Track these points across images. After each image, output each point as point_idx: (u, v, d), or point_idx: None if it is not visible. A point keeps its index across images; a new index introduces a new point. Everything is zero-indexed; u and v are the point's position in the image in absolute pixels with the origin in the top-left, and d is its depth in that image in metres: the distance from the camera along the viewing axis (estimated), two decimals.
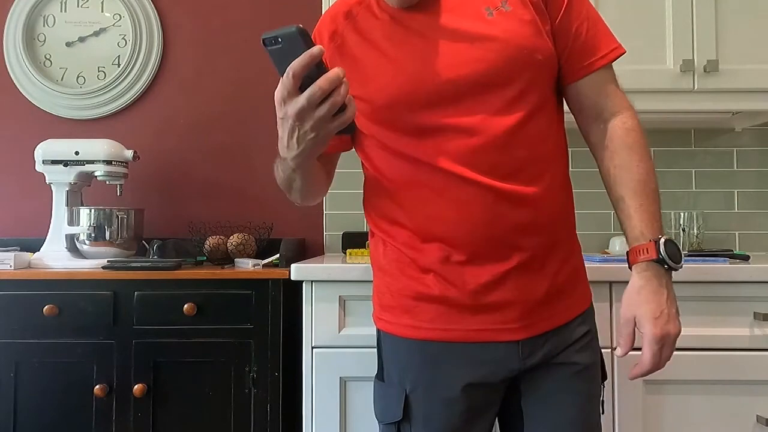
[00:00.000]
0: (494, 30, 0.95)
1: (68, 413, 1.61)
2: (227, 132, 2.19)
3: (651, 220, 0.94)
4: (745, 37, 1.73)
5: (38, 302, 1.61)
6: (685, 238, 1.98)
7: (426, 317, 0.99)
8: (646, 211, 0.95)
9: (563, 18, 0.98)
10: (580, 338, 1.01)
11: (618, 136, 0.99)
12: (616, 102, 1.01)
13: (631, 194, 0.96)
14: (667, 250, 0.92)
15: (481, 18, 0.95)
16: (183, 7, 2.20)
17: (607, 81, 1.01)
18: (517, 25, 0.95)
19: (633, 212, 0.95)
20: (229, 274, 1.65)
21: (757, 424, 1.41)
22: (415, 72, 0.96)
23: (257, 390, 1.61)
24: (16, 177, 2.16)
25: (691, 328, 1.42)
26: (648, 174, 0.97)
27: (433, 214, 0.97)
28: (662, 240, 0.93)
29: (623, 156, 0.98)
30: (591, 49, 0.99)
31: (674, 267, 0.92)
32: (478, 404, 0.99)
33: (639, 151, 0.98)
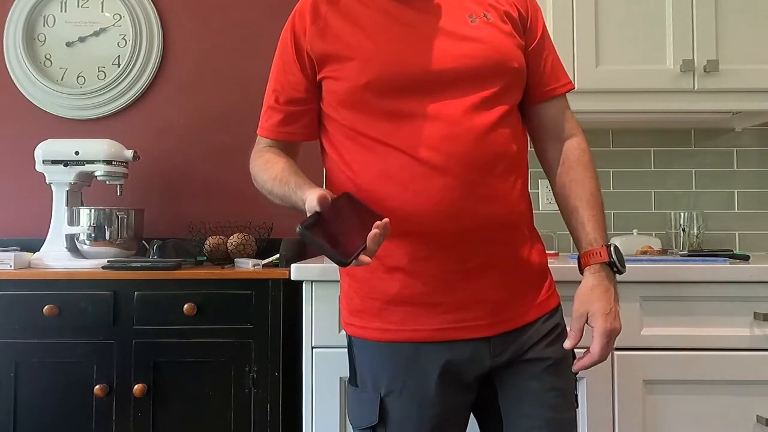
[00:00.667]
0: (477, 33, 1.01)
1: (68, 413, 1.61)
2: (227, 132, 2.19)
3: (602, 228, 1.05)
4: (745, 37, 1.73)
5: (38, 302, 1.61)
6: (685, 238, 1.98)
7: (394, 319, 1.00)
8: (598, 220, 1.05)
9: (537, 44, 1.09)
10: (548, 332, 1.04)
11: (574, 155, 1.10)
12: (572, 126, 1.12)
13: (584, 205, 1.06)
14: (617, 255, 1.02)
15: (465, 23, 1.02)
16: (183, 7, 2.20)
17: (566, 107, 1.13)
18: (497, 33, 1.03)
19: (586, 221, 1.04)
20: (229, 274, 1.65)
21: (757, 424, 1.41)
22: (398, 55, 0.98)
23: (257, 390, 1.61)
24: (16, 177, 2.16)
25: (691, 328, 1.42)
26: (598, 189, 1.08)
27: (399, 207, 0.95)
28: (612, 246, 1.03)
29: (578, 172, 1.08)
30: (555, 76, 1.11)
31: (620, 270, 1.03)
32: (452, 404, 1.00)
33: (591, 169, 1.09)
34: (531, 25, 1.09)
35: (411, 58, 0.98)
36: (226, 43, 2.19)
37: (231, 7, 2.20)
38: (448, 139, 0.95)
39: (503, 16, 1.04)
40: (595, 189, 1.07)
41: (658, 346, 1.42)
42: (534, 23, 1.09)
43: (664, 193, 2.11)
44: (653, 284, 1.42)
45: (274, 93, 1.11)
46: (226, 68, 2.19)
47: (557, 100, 1.11)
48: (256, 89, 2.18)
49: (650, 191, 2.11)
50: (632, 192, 2.10)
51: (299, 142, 1.14)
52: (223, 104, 2.19)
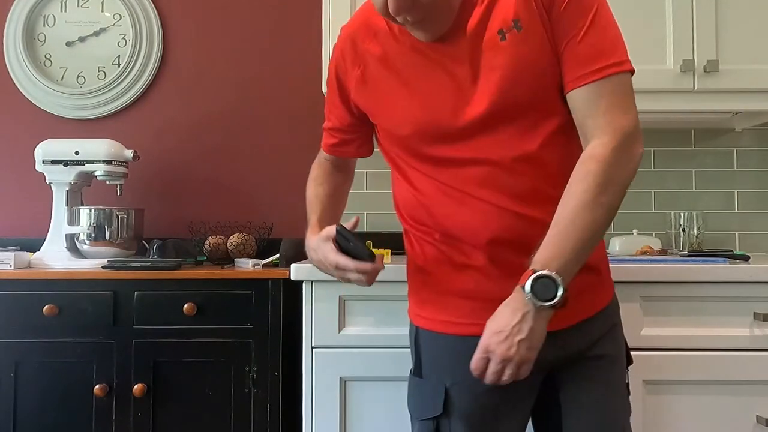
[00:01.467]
0: (507, 58, 0.94)
1: (68, 413, 1.61)
2: (227, 132, 2.19)
3: (552, 252, 0.89)
4: (745, 37, 1.73)
5: (38, 302, 1.61)
6: (685, 239, 1.98)
7: (462, 312, 1.01)
8: (555, 244, 0.89)
9: (563, 20, 0.93)
10: (609, 330, 1.05)
11: (580, 161, 0.92)
12: (598, 123, 0.92)
13: (554, 221, 0.91)
14: (534, 286, 0.87)
15: (495, 44, 0.95)
16: (183, 7, 2.20)
17: (598, 97, 0.92)
18: (527, 50, 0.94)
19: (546, 239, 0.91)
20: (229, 274, 1.65)
21: (757, 425, 1.41)
22: (429, 110, 0.99)
23: (257, 390, 1.61)
24: (16, 177, 2.16)
25: (691, 328, 1.42)
26: (582, 208, 0.89)
27: (458, 221, 1.00)
28: (536, 275, 0.87)
29: (571, 183, 0.92)
30: (586, 60, 0.93)
31: (535, 302, 0.87)
32: (514, 397, 1.01)
33: (585, 181, 0.90)
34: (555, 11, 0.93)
35: (441, 113, 0.98)
36: (226, 43, 2.19)
37: (231, 7, 2.20)
38: (484, 177, 0.97)
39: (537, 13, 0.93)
40: (577, 207, 0.89)
41: (658, 346, 1.42)
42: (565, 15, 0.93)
43: (664, 193, 2.11)
44: (653, 284, 1.42)
45: (327, 120, 1.20)
46: (226, 68, 2.19)
47: (582, 90, 0.93)
48: (255, 89, 2.20)
49: (650, 191, 2.11)
50: (632, 192, 2.08)
51: (352, 158, 1.25)
52: (223, 104, 2.19)
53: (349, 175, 1.30)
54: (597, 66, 0.92)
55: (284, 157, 2.17)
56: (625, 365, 1.10)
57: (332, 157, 1.24)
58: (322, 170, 1.25)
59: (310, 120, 2.16)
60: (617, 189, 0.91)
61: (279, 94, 2.18)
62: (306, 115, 2.16)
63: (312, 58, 2.02)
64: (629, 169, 0.92)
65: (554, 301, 0.87)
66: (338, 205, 1.26)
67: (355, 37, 1.06)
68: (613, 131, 0.91)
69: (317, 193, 1.22)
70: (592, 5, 0.93)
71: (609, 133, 0.91)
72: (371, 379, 1.44)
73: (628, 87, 0.95)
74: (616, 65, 0.93)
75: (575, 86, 0.93)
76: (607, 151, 0.90)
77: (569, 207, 0.90)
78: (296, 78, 2.17)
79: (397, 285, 1.39)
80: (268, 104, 2.19)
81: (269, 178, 2.18)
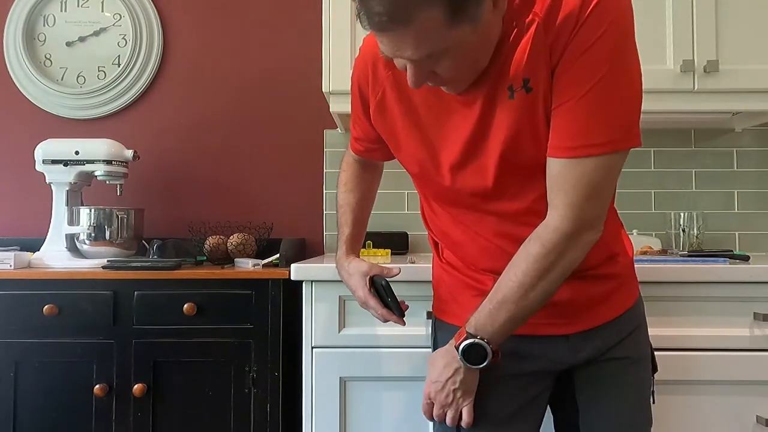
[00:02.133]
0: (512, 119, 0.90)
1: (68, 413, 1.61)
2: (227, 132, 2.19)
3: (486, 320, 0.95)
4: (745, 37, 1.73)
5: (38, 302, 1.61)
6: (685, 239, 1.98)
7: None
8: (491, 313, 0.94)
9: (562, 82, 0.87)
10: (631, 333, 1.05)
11: (531, 236, 0.93)
12: (559, 201, 0.89)
13: (495, 288, 0.95)
14: (466, 350, 0.96)
15: (504, 102, 0.90)
16: (183, 7, 2.20)
17: (567, 175, 0.88)
18: (532, 115, 0.89)
19: (483, 304, 0.96)
20: (229, 274, 1.65)
21: (757, 425, 1.41)
22: (436, 157, 1.00)
23: (257, 390, 1.61)
24: (16, 177, 2.16)
25: (691, 328, 1.42)
26: (519, 288, 0.92)
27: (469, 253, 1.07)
28: (468, 342, 0.95)
29: (516, 257, 0.94)
30: (566, 133, 0.87)
31: (465, 364, 0.97)
32: (529, 396, 1.04)
33: (527, 264, 0.92)
34: (560, 69, 0.87)
35: (448, 160, 0.98)
36: (226, 43, 2.20)
37: (231, 7, 2.20)
38: (500, 227, 1.00)
39: (546, 72, 0.88)
40: (514, 286, 0.92)
41: (658, 346, 1.40)
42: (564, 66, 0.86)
43: (664, 193, 2.11)
44: (653, 284, 1.41)
45: (353, 128, 1.20)
46: (226, 68, 2.19)
47: (554, 161, 0.89)
48: (255, 89, 2.20)
49: (650, 191, 2.11)
50: (632, 192, 2.10)
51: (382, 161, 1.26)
52: (223, 104, 2.19)
53: (378, 171, 1.31)
54: (573, 143, 0.86)
55: (284, 157, 2.17)
56: (651, 371, 1.10)
57: (361, 158, 1.25)
58: (352, 172, 1.26)
59: (310, 120, 2.16)
60: (556, 276, 0.92)
61: (279, 93, 2.18)
62: (306, 115, 2.17)
63: (312, 58, 2.02)
64: (574, 257, 0.91)
65: (482, 365, 0.96)
66: (368, 207, 1.29)
67: (377, 60, 1.02)
68: (569, 215, 0.88)
69: (348, 200, 1.25)
70: (597, 73, 0.84)
71: (564, 216, 0.89)
72: (371, 379, 1.44)
73: (606, 172, 0.88)
74: (596, 146, 0.85)
75: (550, 155, 0.90)
76: (556, 237, 0.89)
77: (509, 283, 0.93)
78: (296, 78, 2.17)
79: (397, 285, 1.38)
80: (268, 104, 2.19)
81: (269, 178, 2.18)
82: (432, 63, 0.84)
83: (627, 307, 1.06)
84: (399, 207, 2.12)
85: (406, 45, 0.81)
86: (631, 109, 0.88)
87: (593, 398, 1.04)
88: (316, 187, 2.16)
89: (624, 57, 0.87)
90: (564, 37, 0.84)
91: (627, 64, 0.87)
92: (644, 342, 1.09)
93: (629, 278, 1.09)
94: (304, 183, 2.17)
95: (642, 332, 1.09)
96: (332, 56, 1.73)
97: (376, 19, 0.77)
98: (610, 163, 0.87)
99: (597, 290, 1.02)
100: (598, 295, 1.03)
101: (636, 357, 1.06)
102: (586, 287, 1.01)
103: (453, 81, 0.90)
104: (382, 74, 1.01)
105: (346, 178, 1.27)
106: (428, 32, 0.79)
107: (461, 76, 0.89)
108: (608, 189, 0.91)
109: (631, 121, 0.88)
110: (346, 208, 1.25)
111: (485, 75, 0.90)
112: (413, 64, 0.84)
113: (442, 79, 0.89)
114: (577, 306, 1.02)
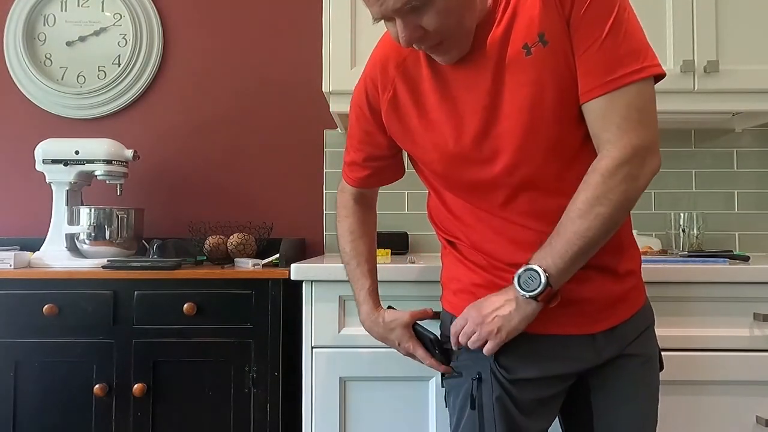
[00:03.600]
0: (534, 74, 0.92)
1: (68, 413, 1.61)
2: (227, 132, 2.19)
3: (545, 252, 0.92)
4: (745, 37, 1.73)
5: (38, 302, 1.61)
6: (685, 239, 1.98)
7: None
8: (550, 245, 0.92)
9: (581, 28, 0.91)
10: (644, 330, 1.06)
11: (587, 172, 0.92)
12: (609, 137, 0.90)
13: (557, 225, 0.93)
14: (521, 276, 0.93)
15: (521, 60, 0.92)
16: (183, 7, 2.20)
17: (610, 110, 0.90)
18: (554, 65, 0.91)
19: (546, 241, 0.94)
20: (229, 274, 1.65)
21: (757, 425, 1.41)
22: (452, 140, 0.98)
23: (257, 390, 1.61)
24: (16, 176, 2.16)
25: (691, 328, 1.42)
26: (577, 216, 0.90)
27: (497, 248, 1.02)
28: (524, 267, 0.93)
29: (576, 192, 0.92)
30: (600, 69, 0.90)
31: (518, 291, 0.93)
32: (544, 395, 1.02)
33: (584, 193, 0.90)
34: (575, 18, 0.90)
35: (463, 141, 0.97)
36: (226, 43, 2.20)
37: (231, 7, 2.20)
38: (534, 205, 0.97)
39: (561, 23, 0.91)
40: (572, 215, 0.90)
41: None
42: (578, 13, 0.90)
43: (664, 193, 2.11)
44: (653, 284, 1.41)
45: (357, 153, 1.18)
46: (226, 68, 2.19)
47: (594, 102, 0.91)
48: (256, 89, 2.20)
49: (650, 191, 2.11)
50: None
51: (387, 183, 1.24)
52: (223, 104, 2.19)
53: (374, 210, 1.29)
54: (611, 76, 0.89)
55: (284, 157, 2.17)
56: (659, 369, 1.10)
57: (360, 192, 1.23)
58: (356, 219, 1.23)
59: (310, 120, 2.16)
60: (614, 202, 0.89)
61: (279, 93, 2.18)
62: (306, 115, 2.17)
63: (312, 59, 2.02)
64: (634, 185, 0.90)
65: (534, 293, 0.91)
66: (375, 253, 1.25)
67: (386, 61, 1.05)
68: (623, 146, 0.89)
69: (360, 250, 1.21)
70: (611, 10, 0.89)
71: (618, 148, 0.89)
72: (371, 379, 1.44)
73: (647, 97, 0.90)
74: (633, 74, 0.89)
75: (588, 98, 0.91)
76: (610, 164, 0.89)
77: (568, 214, 0.91)
78: (296, 78, 2.17)
79: (397, 285, 1.39)
80: (268, 104, 2.19)
81: (269, 178, 2.18)
82: (416, 16, 0.89)
83: (642, 304, 1.07)
84: (399, 207, 2.12)
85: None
86: (644, 39, 0.93)
87: (609, 399, 1.04)
88: (316, 187, 2.16)
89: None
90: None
91: (629, 3, 0.93)
92: (654, 340, 1.10)
93: (640, 275, 1.09)
94: (304, 183, 2.17)
95: (652, 330, 1.09)
96: (332, 56, 1.73)
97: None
98: (648, 88, 0.91)
99: (617, 288, 1.02)
100: (618, 293, 1.02)
101: (648, 355, 1.06)
102: (607, 284, 1.00)
103: (445, 42, 0.92)
104: (392, 73, 1.04)
105: (351, 225, 1.23)
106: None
107: (449, 34, 0.91)
108: (654, 115, 0.91)
109: (650, 49, 0.92)
110: (360, 258, 1.20)
111: (487, 43, 0.94)
112: (399, 18, 0.89)
113: (432, 40, 0.92)
114: (599, 304, 1.01)
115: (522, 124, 0.93)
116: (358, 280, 1.19)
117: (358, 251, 1.21)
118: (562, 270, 0.91)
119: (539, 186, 0.96)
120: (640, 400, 1.04)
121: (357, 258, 1.20)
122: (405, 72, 1.03)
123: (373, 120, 1.10)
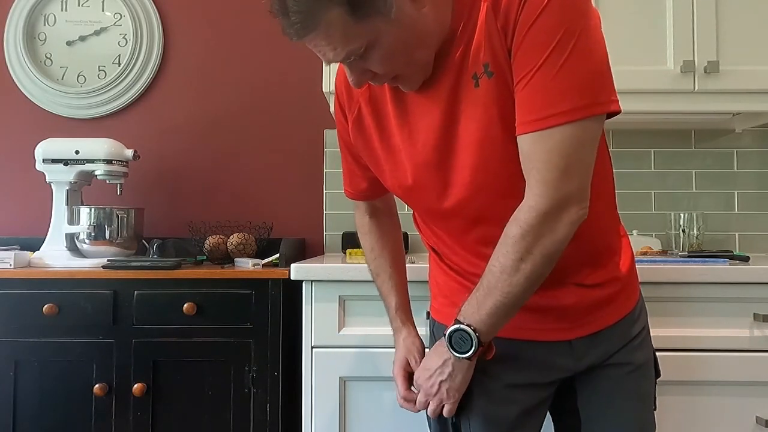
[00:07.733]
0: (480, 108, 0.87)
1: (68, 413, 1.61)
2: (228, 131, 2.19)
3: (473, 308, 0.90)
4: (745, 37, 1.73)
5: (38, 301, 1.61)
6: (685, 239, 1.98)
7: None
8: (478, 300, 0.90)
9: (519, 57, 0.83)
10: (635, 337, 1.03)
11: (510, 220, 0.87)
12: (534, 180, 0.84)
13: (483, 275, 0.90)
14: (452, 338, 0.92)
15: (471, 92, 0.88)
16: (184, 7, 2.20)
17: (538, 149, 0.82)
18: (499, 98, 0.86)
19: (473, 292, 0.92)
20: (229, 274, 1.65)
21: (757, 425, 1.41)
22: (409, 169, 0.97)
23: (257, 390, 1.61)
24: (17, 176, 2.16)
25: (691, 329, 1.42)
26: (501, 272, 0.87)
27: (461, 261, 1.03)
28: (453, 328, 0.91)
29: (499, 241, 0.89)
30: (531, 105, 0.82)
31: (452, 353, 0.92)
32: (531, 403, 1.01)
33: (506, 247, 0.87)
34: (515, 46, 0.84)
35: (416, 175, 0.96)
36: (227, 43, 2.20)
37: (231, 7, 2.20)
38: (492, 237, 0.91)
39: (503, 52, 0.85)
40: (497, 270, 0.87)
41: (658, 347, 1.40)
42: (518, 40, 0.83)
43: (664, 193, 2.11)
44: (653, 285, 1.41)
45: (348, 164, 1.16)
46: (227, 68, 2.19)
47: (524, 138, 0.84)
48: (256, 89, 2.20)
49: (650, 192, 2.11)
50: (632, 192, 2.10)
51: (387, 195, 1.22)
52: (223, 103, 2.19)
53: (394, 216, 1.27)
54: (536, 115, 0.81)
55: (284, 157, 2.17)
56: (654, 377, 1.08)
57: (370, 205, 1.21)
58: (374, 236, 1.21)
59: (310, 120, 2.16)
60: (535, 257, 0.85)
61: (279, 93, 2.18)
62: (306, 115, 2.17)
63: (312, 58, 1.99)
64: (552, 239, 0.84)
65: (468, 354, 0.91)
66: (403, 265, 1.23)
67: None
68: (544, 193, 0.83)
69: (383, 268, 1.19)
70: (552, 38, 0.80)
71: (539, 194, 0.83)
72: (371, 379, 1.44)
73: (580, 141, 0.82)
74: (562, 115, 0.80)
75: (518, 134, 0.84)
76: (531, 217, 0.84)
77: (492, 269, 0.88)
78: (296, 77, 2.16)
79: None
80: (268, 104, 2.19)
81: (269, 178, 2.18)
82: (361, 61, 0.86)
83: (628, 310, 1.04)
84: (399, 207, 2.11)
85: (324, 48, 0.84)
86: (596, 72, 0.82)
87: (597, 407, 1.02)
88: (316, 187, 2.16)
89: (578, 21, 0.81)
90: (513, 14, 0.82)
91: (585, 28, 0.81)
92: (647, 347, 1.07)
93: (631, 281, 1.07)
94: (304, 183, 2.17)
95: (645, 337, 1.07)
96: None
97: (292, 30, 0.82)
98: (579, 132, 0.81)
99: (599, 294, 1.00)
100: (600, 299, 1.00)
101: (639, 363, 1.03)
102: (588, 291, 0.99)
103: (398, 77, 0.90)
104: (356, 93, 1.02)
105: (370, 243, 1.21)
106: (338, 32, 0.81)
107: (401, 71, 0.88)
108: (584, 160, 0.83)
109: (598, 84, 0.82)
110: (384, 276, 1.19)
111: (446, 68, 0.89)
112: (345, 65, 0.87)
113: (385, 78, 0.89)
114: (579, 310, 0.99)
115: (472, 163, 0.90)
116: (385, 298, 1.19)
117: (381, 268, 1.20)
118: (490, 326, 0.90)
119: (493, 220, 0.92)
120: (629, 410, 1.01)
121: (381, 276, 1.19)
122: (370, 92, 1.00)
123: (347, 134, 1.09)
